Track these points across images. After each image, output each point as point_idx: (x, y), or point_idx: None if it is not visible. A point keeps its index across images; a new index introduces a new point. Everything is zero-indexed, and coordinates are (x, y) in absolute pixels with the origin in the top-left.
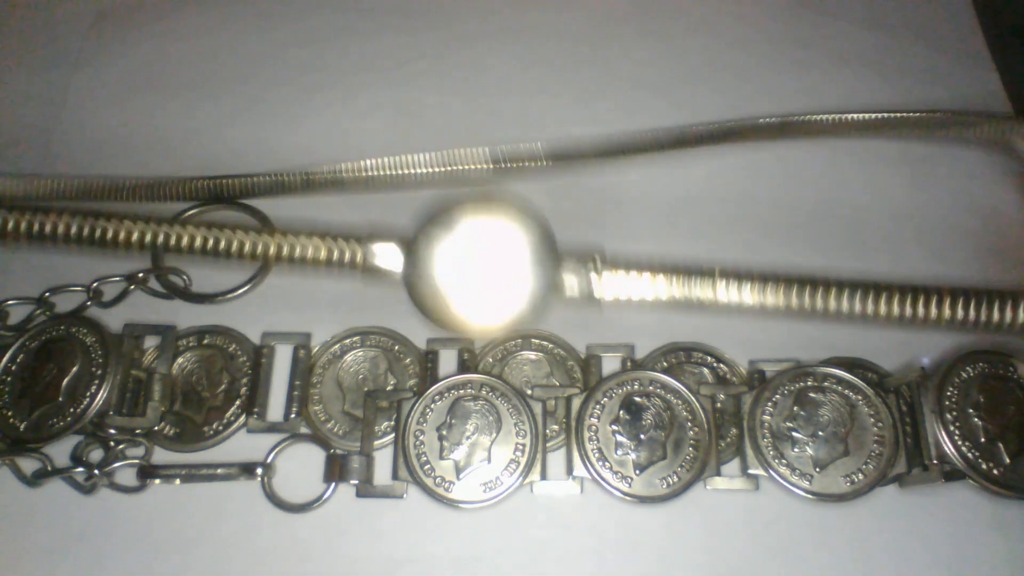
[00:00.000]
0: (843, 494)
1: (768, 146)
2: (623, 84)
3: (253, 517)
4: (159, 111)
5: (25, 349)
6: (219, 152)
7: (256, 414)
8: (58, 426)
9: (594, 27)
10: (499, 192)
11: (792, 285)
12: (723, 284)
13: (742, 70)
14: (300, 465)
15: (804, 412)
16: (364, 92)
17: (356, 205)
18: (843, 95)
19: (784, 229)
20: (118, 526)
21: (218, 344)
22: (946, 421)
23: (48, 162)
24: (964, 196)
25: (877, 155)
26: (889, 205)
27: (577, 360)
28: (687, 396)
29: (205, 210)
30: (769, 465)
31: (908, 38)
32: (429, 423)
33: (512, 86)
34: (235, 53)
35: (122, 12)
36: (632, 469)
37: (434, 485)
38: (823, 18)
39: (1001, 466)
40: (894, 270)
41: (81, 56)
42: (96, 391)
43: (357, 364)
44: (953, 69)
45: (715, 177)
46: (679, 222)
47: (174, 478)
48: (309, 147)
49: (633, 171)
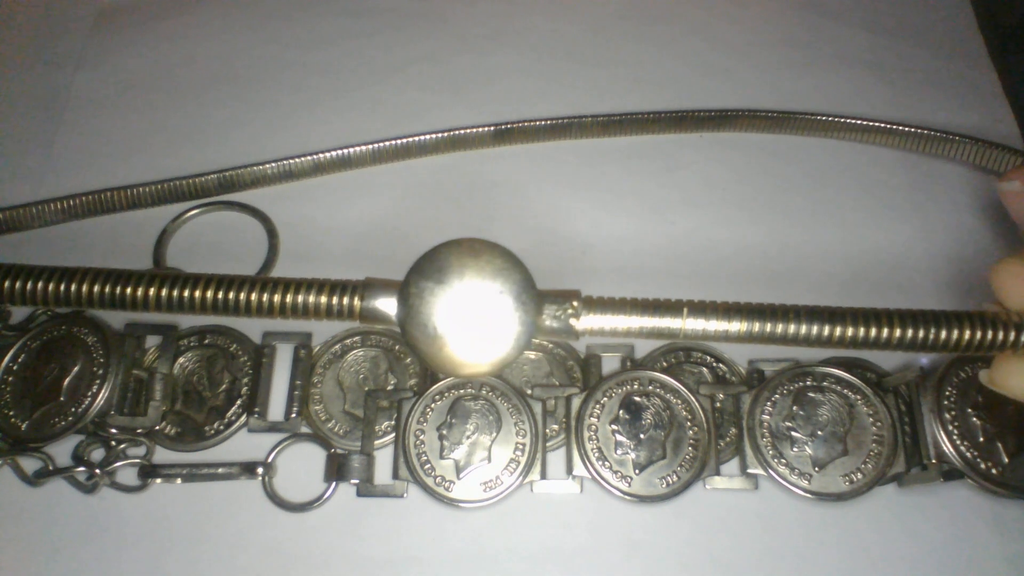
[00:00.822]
0: (842, 493)
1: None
2: (623, 85)
3: (254, 516)
4: (160, 112)
5: (27, 348)
6: (219, 153)
7: (257, 413)
8: (59, 426)
9: (594, 28)
10: (483, 242)
11: (753, 315)
12: (691, 318)
13: (742, 71)
14: (301, 464)
15: (803, 412)
16: (364, 93)
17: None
18: (843, 97)
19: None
20: (119, 525)
21: (219, 344)
22: (945, 421)
23: (50, 163)
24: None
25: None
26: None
27: (577, 360)
28: (686, 396)
29: (206, 210)
30: (768, 464)
31: (907, 40)
32: (429, 422)
33: (512, 87)
34: (236, 54)
35: (123, 14)
36: (632, 468)
37: (434, 484)
38: (823, 20)
39: (1000, 465)
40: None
41: (83, 57)
42: (97, 391)
43: (358, 364)
44: (952, 70)
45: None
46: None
47: (175, 477)
48: (309, 148)
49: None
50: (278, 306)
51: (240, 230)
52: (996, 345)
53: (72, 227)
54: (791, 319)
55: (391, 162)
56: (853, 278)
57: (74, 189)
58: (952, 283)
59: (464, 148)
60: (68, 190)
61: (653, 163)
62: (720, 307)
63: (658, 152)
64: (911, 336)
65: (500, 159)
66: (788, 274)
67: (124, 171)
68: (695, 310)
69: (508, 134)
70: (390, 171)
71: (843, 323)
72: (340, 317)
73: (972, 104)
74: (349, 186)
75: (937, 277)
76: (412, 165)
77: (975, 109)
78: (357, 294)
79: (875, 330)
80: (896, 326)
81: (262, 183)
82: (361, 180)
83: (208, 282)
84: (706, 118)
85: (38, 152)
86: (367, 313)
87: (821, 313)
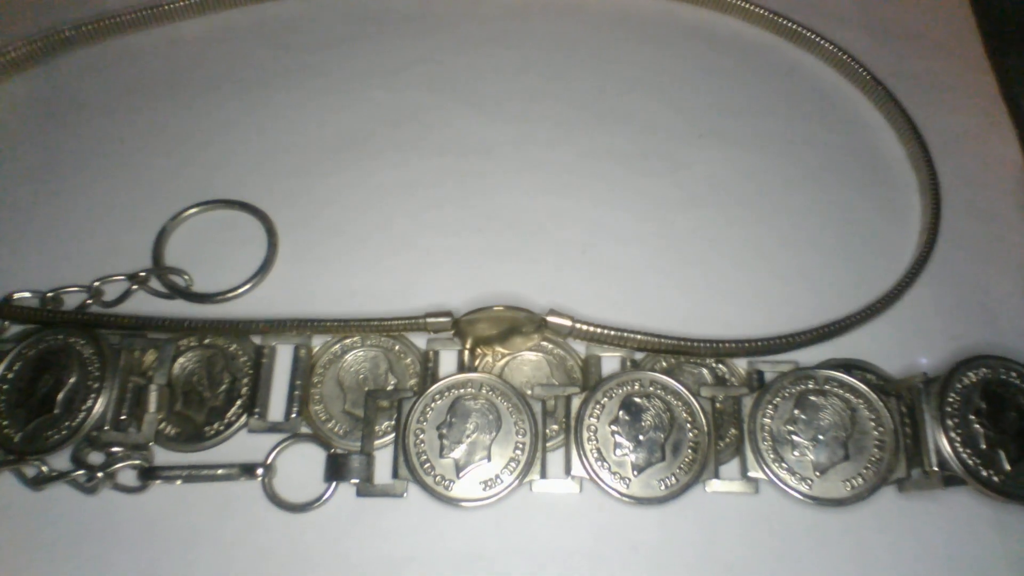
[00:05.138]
0: (843, 499)
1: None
2: (622, 85)
3: (254, 517)
4: (161, 112)
5: (22, 357)
6: (220, 152)
7: (257, 414)
8: (53, 439)
9: (594, 30)
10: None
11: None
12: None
13: (737, 72)
14: (301, 465)
15: (805, 415)
16: (364, 94)
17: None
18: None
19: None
20: (119, 526)
21: (219, 344)
22: (947, 427)
23: (50, 163)
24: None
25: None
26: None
27: (577, 360)
28: (687, 398)
29: (205, 208)
30: (769, 468)
31: (906, 41)
32: (429, 422)
33: (512, 87)
34: (236, 55)
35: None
36: (630, 470)
37: (434, 483)
38: (823, 22)
39: (1001, 473)
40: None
41: (85, 58)
42: (92, 404)
43: (358, 364)
44: (951, 71)
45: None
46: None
47: (175, 479)
48: (309, 148)
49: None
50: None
51: (239, 229)
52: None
53: (72, 226)
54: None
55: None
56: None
57: (74, 189)
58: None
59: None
60: (67, 189)
61: (653, 163)
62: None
63: (658, 152)
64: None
65: (501, 160)
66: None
67: (123, 169)
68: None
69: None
70: (390, 171)
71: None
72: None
73: (969, 105)
74: (349, 186)
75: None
76: (412, 165)
77: (972, 110)
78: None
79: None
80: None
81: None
82: (361, 180)
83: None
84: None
85: (39, 151)
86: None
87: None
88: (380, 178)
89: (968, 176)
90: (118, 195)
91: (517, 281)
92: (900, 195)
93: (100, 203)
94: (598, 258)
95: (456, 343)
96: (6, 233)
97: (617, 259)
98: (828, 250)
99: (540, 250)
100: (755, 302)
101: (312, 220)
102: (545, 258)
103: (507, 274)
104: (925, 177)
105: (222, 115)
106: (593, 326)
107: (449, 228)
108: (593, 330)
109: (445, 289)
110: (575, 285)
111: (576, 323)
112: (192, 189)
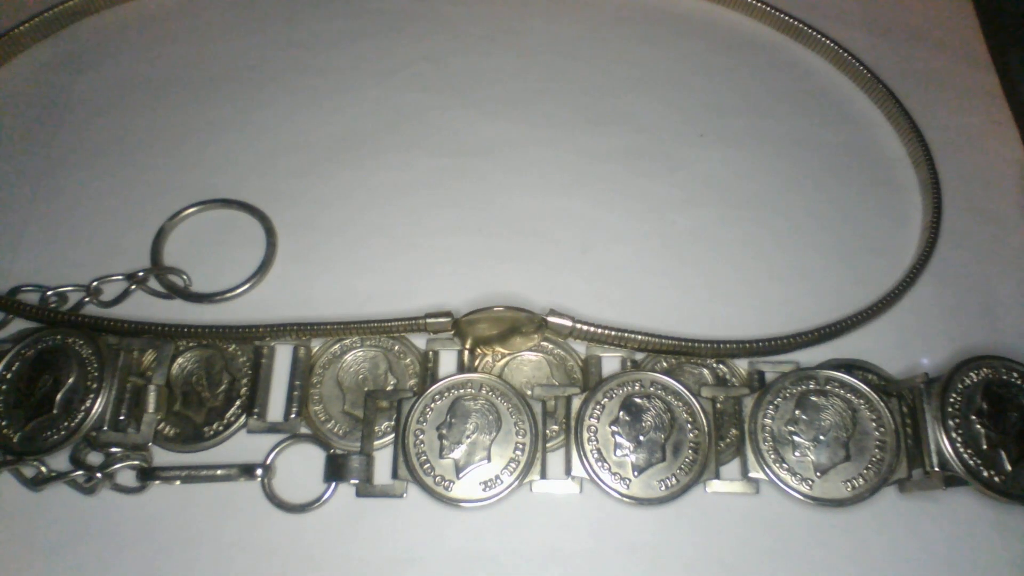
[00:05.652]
0: (844, 499)
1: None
2: (622, 85)
3: (253, 517)
4: (160, 113)
5: (21, 357)
6: (219, 152)
7: (256, 414)
8: (52, 440)
9: (593, 29)
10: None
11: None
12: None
13: (738, 71)
14: (300, 465)
15: (806, 416)
16: (364, 94)
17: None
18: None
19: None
20: (119, 527)
21: (218, 344)
22: (948, 428)
23: (50, 163)
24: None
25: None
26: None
27: (577, 361)
28: (687, 398)
29: (204, 208)
30: (770, 469)
31: (907, 39)
32: (429, 422)
33: (512, 89)
34: (236, 55)
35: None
36: (631, 471)
37: (434, 484)
38: (823, 21)
39: (1002, 474)
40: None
41: (84, 58)
42: (91, 405)
43: (357, 364)
44: (953, 70)
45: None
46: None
47: (174, 479)
48: (308, 148)
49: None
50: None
51: (238, 228)
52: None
53: (71, 226)
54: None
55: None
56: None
57: (73, 188)
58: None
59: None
60: (67, 189)
61: (653, 163)
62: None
63: (658, 152)
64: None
65: (501, 160)
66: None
67: (123, 169)
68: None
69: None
70: (390, 170)
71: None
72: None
73: (971, 104)
74: (348, 185)
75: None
76: (412, 165)
77: (974, 109)
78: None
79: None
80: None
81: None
82: (360, 180)
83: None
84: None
85: (39, 151)
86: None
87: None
88: (380, 178)
89: (970, 175)
90: (117, 195)
91: (517, 281)
92: (901, 194)
93: (99, 203)
94: (598, 258)
95: (456, 343)
96: (5, 233)
97: (617, 259)
98: (829, 250)
99: (540, 250)
100: (756, 302)
101: (311, 220)
102: (545, 258)
103: (507, 274)
104: (926, 176)
105: (221, 115)
106: (593, 326)
107: (449, 228)
108: (593, 330)
109: (445, 289)
110: (575, 285)
111: (576, 323)
112: (191, 189)
